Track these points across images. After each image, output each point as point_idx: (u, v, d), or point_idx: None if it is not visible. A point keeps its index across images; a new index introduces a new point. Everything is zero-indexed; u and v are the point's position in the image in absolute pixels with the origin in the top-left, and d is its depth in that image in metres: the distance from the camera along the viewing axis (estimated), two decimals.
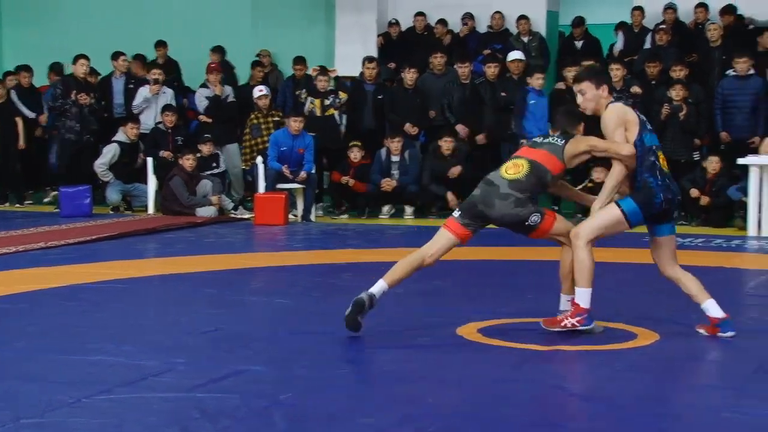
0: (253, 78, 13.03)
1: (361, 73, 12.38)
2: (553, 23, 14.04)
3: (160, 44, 13.88)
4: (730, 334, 5.24)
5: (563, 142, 5.35)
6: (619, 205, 5.23)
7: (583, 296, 5.22)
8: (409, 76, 11.90)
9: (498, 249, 8.30)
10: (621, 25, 13.25)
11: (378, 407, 4.05)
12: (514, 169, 5.31)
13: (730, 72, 10.98)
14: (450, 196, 11.21)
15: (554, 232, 5.31)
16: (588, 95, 5.31)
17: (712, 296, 5.38)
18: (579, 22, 13.39)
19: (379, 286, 5.29)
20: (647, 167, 5.20)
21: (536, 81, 11.18)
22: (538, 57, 12.87)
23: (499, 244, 8.28)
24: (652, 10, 12.75)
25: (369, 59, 12.34)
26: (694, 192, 10.29)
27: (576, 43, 13.16)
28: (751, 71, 10.82)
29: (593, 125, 5.50)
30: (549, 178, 5.31)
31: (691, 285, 5.35)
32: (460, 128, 11.69)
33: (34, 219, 11.05)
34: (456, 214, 5.39)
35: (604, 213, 5.25)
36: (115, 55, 13.04)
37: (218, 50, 13.79)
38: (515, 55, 11.89)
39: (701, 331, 5.34)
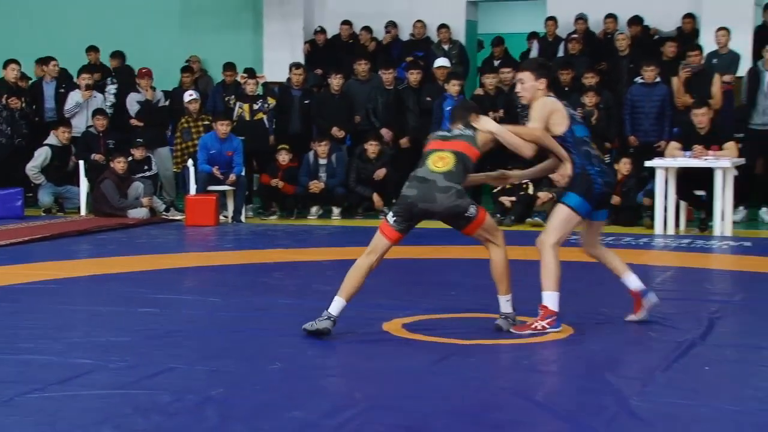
0: (182, 83, 12.90)
1: (288, 79, 12.37)
2: (472, 32, 14.18)
3: (92, 49, 13.70)
4: (653, 300, 5.49)
5: (472, 131, 5.42)
6: (564, 203, 5.35)
7: (551, 299, 5.28)
8: (336, 81, 11.91)
9: (421, 248, 8.34)
10: (533, 35, 13.44)
11: (306, 401, 4.05)
12: (441, 162, 5.28)
13: (638, 79, 11.20)
14: (376, 197, 11.27)
15: (485, 227, 5.32)
16: (526, 84, 5.43)
17: (623, 292, 5.53)
18: (498, 42, 13.55)
19: (337, 305, 5.26)
20: (583, 156, 5.36)
21: (453, 87, 11.21)
22: (458, 64, 12.98)
23: (422, 243, 8.33)
24: (564, 20, 12.95)
25: (296, 65, 12.33)
26: (625, 164, 10.48)
27: (495, 62, 13.30)
28: (658, 79, 11.06)
29: None
30: (471, 165, 5.37)
31: (612, 259, 5.61)
32: (385, 132, 11.74)
33: None
34: (391, 220, 5.29)
35: (555, 215, 5.38)
36: (45, 60, 12.80)
37: (117, 55, 13.65)
38: (441, 62, 11.96)
39: (631, 318, 5.51)
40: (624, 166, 10.50)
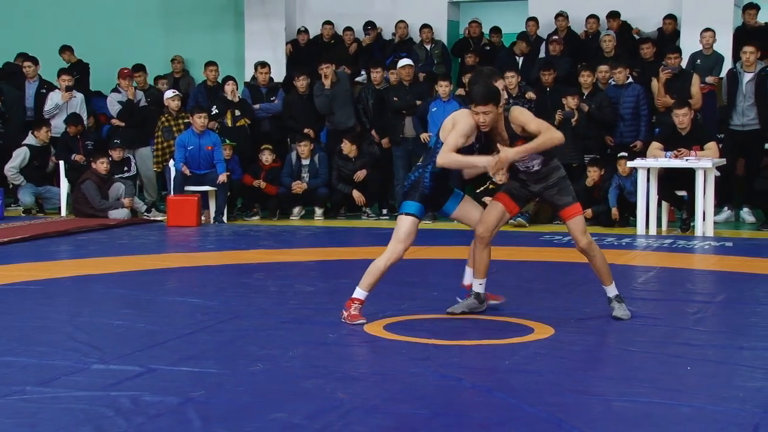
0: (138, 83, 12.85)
1: (254, 78, 12.38)
2: (454, 32, 14.20)
3: (65, 49, 13.65)
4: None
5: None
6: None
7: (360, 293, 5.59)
8: (300, 83, 11.90)
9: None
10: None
11: (289, 403, 4.04)
12: None
13: (611, 81, 11.27)
14: (355, 193, 11.28)
15: None
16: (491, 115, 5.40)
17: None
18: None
19: (477, 285, 5.74)
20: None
21: (442, 89, 11.15)
22: (441, 65, 12.99)
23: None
24: (545, 21, 12.98)
25: (261, 64, 12.31)
26: (593, 172, 10.49)
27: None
28: (630, 80, 11.11)
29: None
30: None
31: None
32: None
33: None
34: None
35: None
36: (28, 59, 12.77)
37: (67, 49, 13.60)
38: (405, 62, 11.87)
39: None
40: (591, 175, 10.51)
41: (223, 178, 10.96)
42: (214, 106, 11.73)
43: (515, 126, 5.46)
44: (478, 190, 10.99)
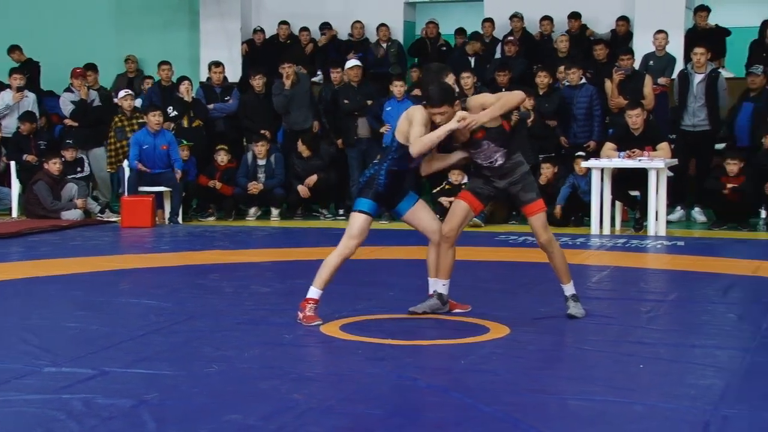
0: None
1: (209, 78, 12.30)
2: (410, 33, 14.23)
3: (14, 49, 13.45)
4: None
5: None
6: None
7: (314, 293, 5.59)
8: (256, 82, 11.84)
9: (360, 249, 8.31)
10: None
11: (244, 404, 4.01)
12: None
13: (565, 82, 11.36)
14: (300, 188, 11.25)
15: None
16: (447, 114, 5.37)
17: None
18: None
19: (441, 286, 5.70)
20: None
21: (396, 88, 11.17)
22: (397, 65, 13.00)
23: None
24: (501, 22, 13.05)
25: (215, 64, 12.23)
26: (547, 169, 10.56)
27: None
28: (583, 80, 11.21)
29: None
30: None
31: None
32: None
33: None
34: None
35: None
36: None
37: (15, 48, 13.44)
38: (353, 62, 11.87)
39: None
40: (544, 172, 10.58)
41: (178, 173, 10.86)
42: (171, 108, 11.61)
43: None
44: (434, 191, 11.02)
